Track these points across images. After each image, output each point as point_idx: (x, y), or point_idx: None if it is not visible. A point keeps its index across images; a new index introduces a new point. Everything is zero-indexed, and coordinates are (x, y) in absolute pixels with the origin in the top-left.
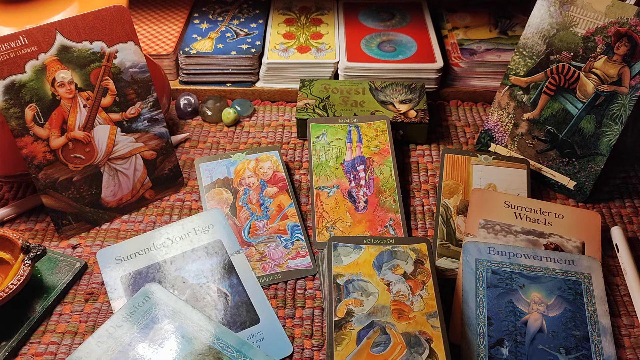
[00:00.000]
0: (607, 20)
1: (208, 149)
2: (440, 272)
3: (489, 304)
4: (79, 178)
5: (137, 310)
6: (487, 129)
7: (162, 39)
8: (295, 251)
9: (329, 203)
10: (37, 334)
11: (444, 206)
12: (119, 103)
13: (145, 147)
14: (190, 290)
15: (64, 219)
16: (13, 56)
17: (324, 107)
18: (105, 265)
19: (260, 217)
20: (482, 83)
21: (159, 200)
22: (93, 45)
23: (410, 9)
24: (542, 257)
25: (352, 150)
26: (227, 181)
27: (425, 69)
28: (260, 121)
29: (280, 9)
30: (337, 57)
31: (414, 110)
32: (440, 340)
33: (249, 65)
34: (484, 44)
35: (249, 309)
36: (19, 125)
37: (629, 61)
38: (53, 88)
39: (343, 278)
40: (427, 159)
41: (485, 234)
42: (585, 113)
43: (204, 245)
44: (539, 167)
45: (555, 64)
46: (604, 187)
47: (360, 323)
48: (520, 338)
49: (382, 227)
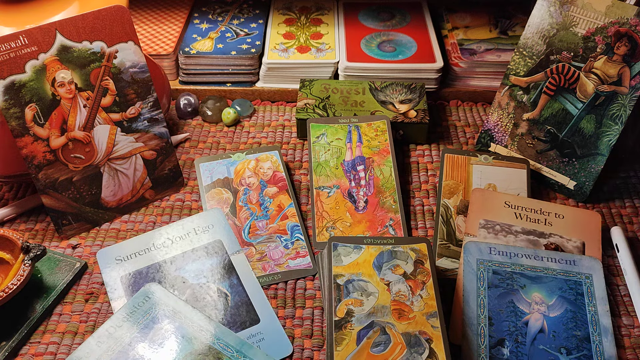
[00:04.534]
0: (607, 20)
1: (208, 149)
2: (440, 272)
3: (489, 304)
4: (79, 178)
5: (137, 310)
6: (487, 129)
7: (162, 39)
8: (295, 251)
9: (329, 203)
10: (37, 334)
11: (444, 206)
12: (119, 103)
13: (145, 147)
14: (190, 290)
15: (64, 219)
16: (13, 56)
17: (324, 107)
18: (105, 265)
19: (260, 217)
20: (482, 83)
21: (159, 200)
22: (93, 45)
23: (410, 9)
24: (543, 258)
25: (352, 150)
26: (227, 181)
27: (425, 69)
28: (260, 121)
29: (280, 9)
30: (337, 57)
31: (414, 110)
32: (440, 340)
33: (249, 65)
34: (484, 44)
35: (249, 309)
36: (19, 125)
37: (629, 61)
38: (53, 88)
39: (343, 278)
40: (427, 159)
41: (485, 234)
42: (585, 113)
43: (204, 245)
44: (539, 167)
45: (555, 64)
46: (604, 187)
47: (360, 323)
48: (521, 338)
49: (382, 227)
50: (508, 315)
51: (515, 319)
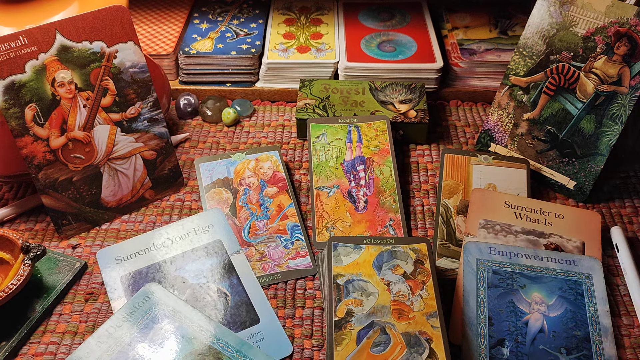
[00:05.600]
0: (607, 20)
1: (208, 149)
2: (440, 272)
3: (489, 304)
4: (79, 178)
5: (137, 310)
6: (487, 129)
7: (162, 39)
8: (295, 251)
9: (329, 203)
10: (37, 334)
11: (444, 206)
12: (119, 103)
13: (145, 147)
14: (190, 290)
15: (64, 219)
16: (13, 56)
17: (324, 107)
18: (105, 265)
19: (260, 217)
20: (482, 83)
21: (159, 200)
22: (93, 45)
23: (410, 9)
24: (543, 257)
25: (352, 150)
26: (227, 181)
27: (425, 69)
28: (260, 121)
29: (280, 9)
30: (337, 57)
31: (414, 110)
32: (440, 340)
33: (249, 65)
34: (484, 44)
35: (249, 309)
36: (19, 125)
37: (629, 61)
38: (53, 88)
39: (343, 278)
40: (427, 159)
41: (485, 234)
42: (585, 113)
43: (204, 245)
44: (539, 167)
45: (555, 64)
46: (604, 187)
47: (360, 323)
48: (521, 338)
49: (382, 227)
50: (508, 315)
51: (515, 319)
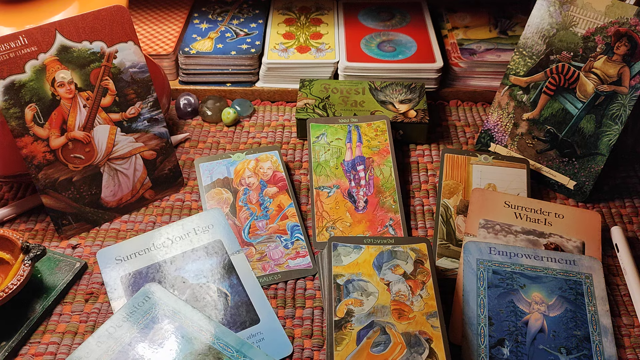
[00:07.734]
0: (607, 20)
1: (208, 149)
2: (440, 272)
3: (489, 304)
4: (79, 178)
5: (137, 310)
6: (487, 129)
7: (162, 39)
8: (295, 251)
9: (329, 203)
10: (37, 334)
11: (444, 206)
12: (118, 103)
13: (145, 147)
14: (190, 290)
15: (64, 219)
16: (13, 56)
17: (324, 107)
18: (105, 265)
19: (260, 217)
20: (482, 83)
21: (158, 200)
22: (93, 45)
23: (410, 9)
24: (543, 257)
25: (352, 150)
26: (227, 181)
27: (425, 69)
28: (260, 121)
29: (280, 9)
30: (337, 57)
31: (413, 110)
32: (440, 340)
33: (248, 65)
34: (484, 44)
35: (249, 309)
36: (18, 125)
37: (629, 61)
38: (53, 88)
39: (343, 278)
40: (427, 159)
41: (485, 234)
42: (585, 113)
43: (204, 245)
44: (539, 167)
45: (555, 64)
46: (604, 187)
47: (360, 323)
48: (521, 338)
49: (382, 227)
50: (508, 315)
51: (515, 318)
